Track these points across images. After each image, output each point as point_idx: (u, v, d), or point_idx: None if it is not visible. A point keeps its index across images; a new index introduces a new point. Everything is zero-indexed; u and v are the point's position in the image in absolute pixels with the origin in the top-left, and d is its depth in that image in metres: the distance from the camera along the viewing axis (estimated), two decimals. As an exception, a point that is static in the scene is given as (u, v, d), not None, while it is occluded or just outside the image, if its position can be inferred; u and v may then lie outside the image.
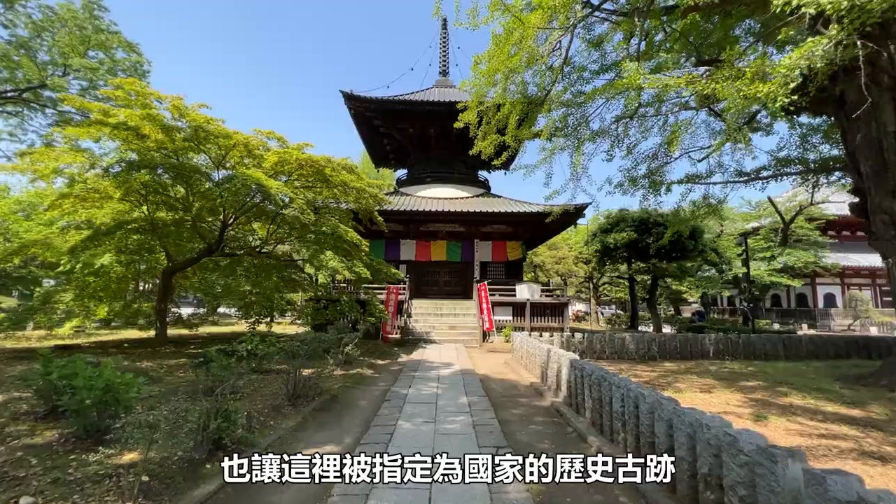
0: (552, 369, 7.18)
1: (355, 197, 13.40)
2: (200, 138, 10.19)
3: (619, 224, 19.29)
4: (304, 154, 10.88)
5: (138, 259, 12.38)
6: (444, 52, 25.52)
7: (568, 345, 11.44)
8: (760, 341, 11.63)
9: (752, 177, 11.28)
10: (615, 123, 10.82)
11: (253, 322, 16.11)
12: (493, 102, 10.55)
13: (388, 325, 14.51)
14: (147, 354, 10.44)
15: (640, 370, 9.51)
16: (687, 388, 7.47)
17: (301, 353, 6.17)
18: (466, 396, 6.83)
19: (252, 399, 6.25)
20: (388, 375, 8.90)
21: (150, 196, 12.33)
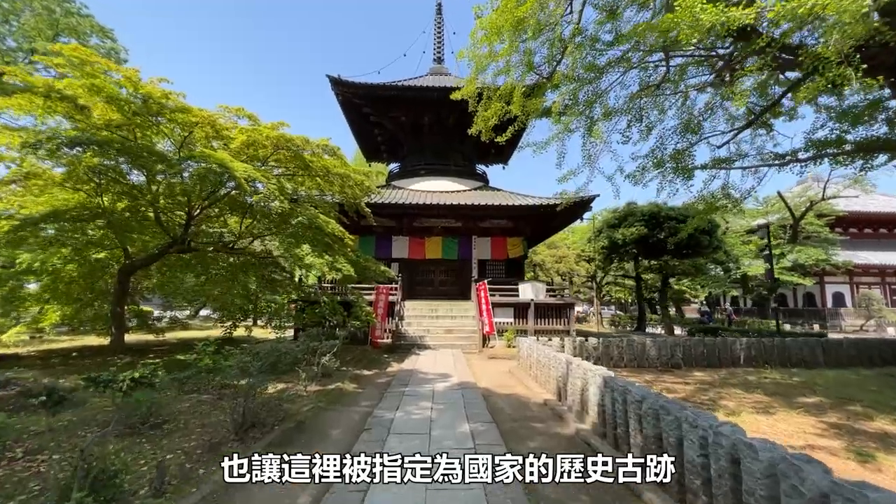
0: (573, 385, 5.77)
1: (340, 186, 11.93)
2: (153, 112, 8.68)
3: (628, 218, 17.97)
4: (276, 132, 9.38)
5: (86, 256, 10.80)
6: (438, 39, 24.10)
7: (581, 351, 10.05)
8: (797, 345, 10.31)
9: (790, 159, 9.96)
10: (631, 101, 9.47)
11: (230, 326, 14.66)
12: (495, 73, 9.17)
13: (377, 329, 13.03)
14: (91, 366, 8.89)
15: (669, 381, 8.13)
16: (737, 406, 6.09)
17: (252, 370, 4.70)
18: (468, 423, 5.39)
19: (187, 432, 4.77)
20: (372, 391, 7.45)
21: (108, 185, 10.85)
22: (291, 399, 6.39)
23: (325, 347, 7.16)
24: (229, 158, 8.74)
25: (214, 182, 9.71)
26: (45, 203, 9.54)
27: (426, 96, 18.63)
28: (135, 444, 4.29)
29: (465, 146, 21.11)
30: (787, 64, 7.37)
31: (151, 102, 8.44)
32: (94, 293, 12.42)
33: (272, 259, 13.11)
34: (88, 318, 13.04)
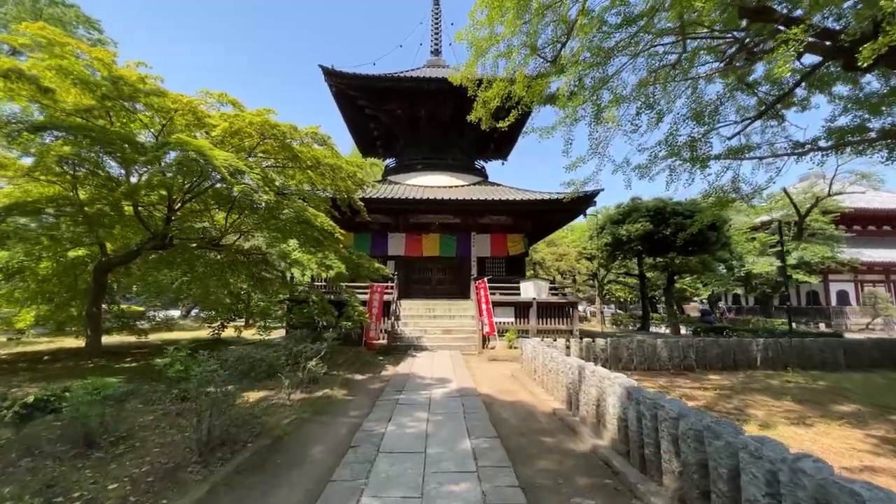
0: (587, 394, 5.13)
1: (331, 178, 11.25)
2: (125, 95, 7.97)
3: (632, 214, 17.35)
4: (260, 118, 8.69)
5: (60, 253, 10.11)
6: (436, 30, 23.39)
7: (588, 353, 9.43)
8: (817, 346, 9.71)
9: (810, 148, 9.36)
10: (641, 88, 8.85)
11: (218, 326, 14.01)
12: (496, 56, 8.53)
13: (371, 329, 12.37)
14: (60, 371, 8.20)
15: (686, 386, 7.51)
16: (768, 416, 5.47)
17: (217, 380, 4.03)
18: (469, 438, 4.74)
19: (142, 453, 4.10)
20: (363, 398, 6.79)
21: (87, 178, 10.18)
22: (271, 410, 5.74)
23: (310, 352, 6.49)
24: (209, 146, 8.06)
25: (195, 173, 9.04)
26: (9, 196, 8.83)
27: (423, 87, 17.96)
28: (73, 471, 3.62)
29: (464, 140, 20.45)
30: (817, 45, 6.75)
31: (123, 84, 7.74)
32: (73, 292, 11.71)
33: (262, 256, 12.43)
34: (66, 318, 12.35)
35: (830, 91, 10.01)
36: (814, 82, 9.66)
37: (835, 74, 9.09)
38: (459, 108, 17.72)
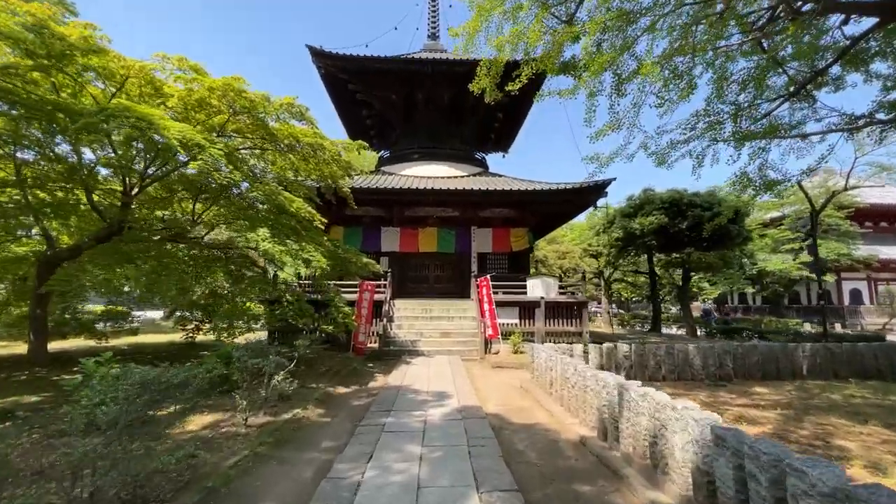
0: (634, 424, 3.83)
1: (315, 163, 9.91)
2: (55, 52, 6.57)
3: (645, 207, 16.06)
4: (221, 81, 7.31)
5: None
6: (433, 13, 22.03)
7: (609, 360, 8.12)
8: (870, 352, 8.45)
9: (866, 122, 8.11)
10: (664, 60, 7.58)
11: (192, 329, 12.66)
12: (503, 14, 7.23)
13: (360, 333, 11.02)
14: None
15: (733, 403, 6.20)
16: (866, 451, 4.17)
17: (102, 422, 2.68)
18: (477, 490, 3.41)
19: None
20: (342, 421, 5.46)
21: (35, 162, 8.86)
22: (217, 442, 4.40)
23: (274, 366, 5.13)
24: (160, 115, 6.70)
25: (149, 150, 7.69)
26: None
27: (419, 69, 16.63)
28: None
29: (463, 129, 19.11)
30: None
31: (51, 37, 6.34)
32: (20, 292, 10.33)
33: (239, 252, 11.05)
34: (16, 321, 10.98)
35: (867, 69, 8.82)
36: (850, 59, 8.46)
37: (873, 49, 7.94)
38: (459, 94, 16.42)
